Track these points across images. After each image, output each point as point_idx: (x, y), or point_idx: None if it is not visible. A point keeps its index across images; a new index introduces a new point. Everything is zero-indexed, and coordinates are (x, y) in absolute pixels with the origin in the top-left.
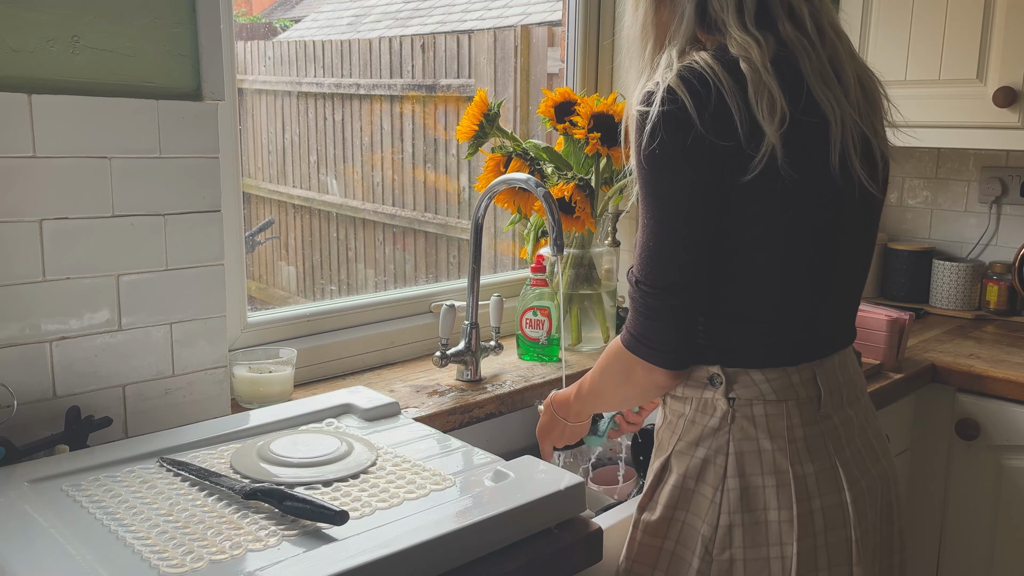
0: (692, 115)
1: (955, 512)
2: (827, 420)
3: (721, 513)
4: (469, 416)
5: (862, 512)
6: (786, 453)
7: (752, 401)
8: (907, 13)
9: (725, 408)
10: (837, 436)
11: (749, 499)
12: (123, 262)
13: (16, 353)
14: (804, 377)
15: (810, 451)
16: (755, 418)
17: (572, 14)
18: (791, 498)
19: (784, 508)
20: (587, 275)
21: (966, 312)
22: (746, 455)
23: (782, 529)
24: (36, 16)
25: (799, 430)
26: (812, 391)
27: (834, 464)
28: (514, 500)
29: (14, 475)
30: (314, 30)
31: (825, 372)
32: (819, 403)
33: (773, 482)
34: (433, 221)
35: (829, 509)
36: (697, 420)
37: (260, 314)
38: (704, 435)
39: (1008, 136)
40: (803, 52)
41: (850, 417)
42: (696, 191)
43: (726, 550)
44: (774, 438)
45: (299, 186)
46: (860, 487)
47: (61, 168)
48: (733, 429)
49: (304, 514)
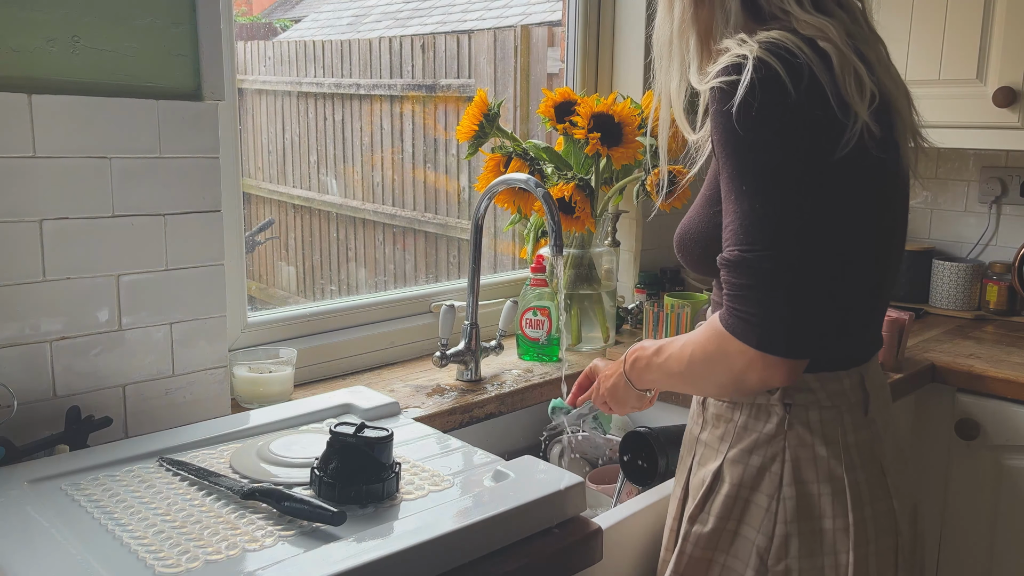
0: (787, 83)
1: (955, 512)
2: (873, 425)
3: (777, 523)
4: (469, 416)
5: (904, 517)
6: (840, 460)
7: (808, 407)
8: (907, 13)
9: (782, 414)
10: (881, 440)
11: (806, 507)
12: (123, 262)
13: (16, 353)
14: (853, 381)
15: (861, 457)
16: (811, 424)
17: (572, 14)
18: (847, 506)
19: (839, 516)
20: (587, 275)
21: (966, 312)
22: (803, 462)
23: (836, 537)
24: (36, 16)
25: (851, 436)
26: (860, 395)
27: (881, 469)
28: (514, 500)
29: (14, 475)
30: (314, 30)
31: (871, 375)
32: (866, 407)
33: (829, 489)
34: (433, 221)
35: (880, 516)
36: (750, 426)
37: (260, 314)
38: (759, 442)
39: (1008, 136)
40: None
41: (888, 420)
42: (799, 155)
43: (782, 560)
44: (829, 444)
45: (299, 186)
46: (903, 491)
47: (61, 168)
48: (789, 436)
49: (302, 514)
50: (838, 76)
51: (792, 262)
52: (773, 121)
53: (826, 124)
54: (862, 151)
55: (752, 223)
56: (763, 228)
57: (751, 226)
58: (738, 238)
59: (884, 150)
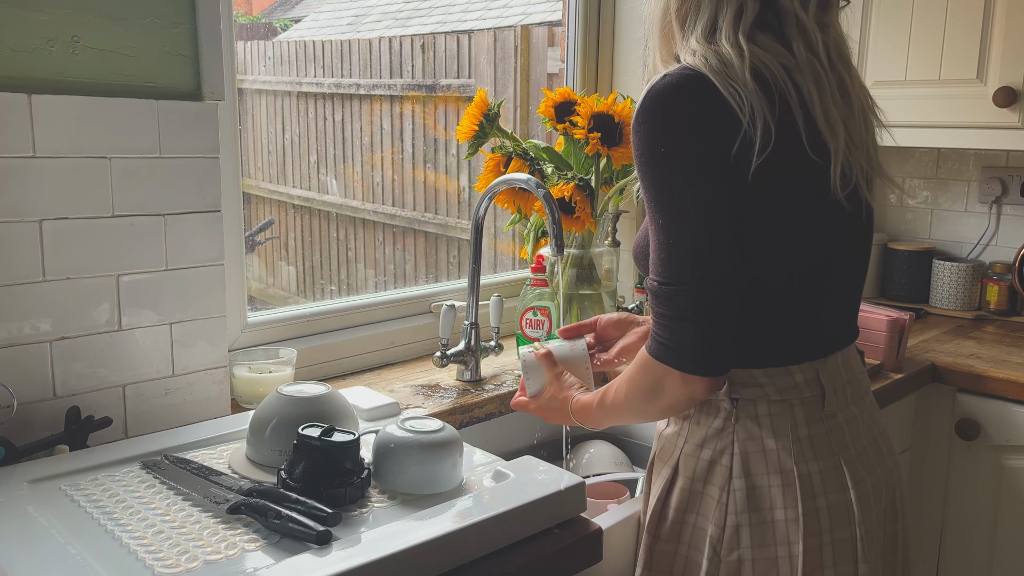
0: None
1: (955, 512)
2: (831, 418)
3: (728, 514)
4: (469, 416)
5: (867, 510)
6: (790, 452)
7: (755, 400)
8: (907, 13)
9: (729, 408)
10: (842, 434)
11: (755, 499)
12: (123, 262)
13: (16, 353)
14: (807, 376)
15: (815, 449)
16: (759, 417)
17: (572, 14)
18: (796, 497)
19: (790, 507)
20: (587, 275)
21: (966, 312)
22: (751, 455)
23: (788, 528)
24: (36, 16)
25: (803, 429)
26: (815, 389)
27: (839, 462)
28: (514, 500)
29: (14, 475)
30: (314, 30)
31: (828, 370)
32: (823, 401)
33: (779, 481)
34: (433, 221)
35: (834, 507)
36: (702, 422)
37: (260, 314)
38: (709, 436)
39: (1008, 136)
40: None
41: (855, 415)
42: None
43: (734, 550)
44: (778, 437)
45: (299, 186)
46: (865, 485)
47: (61, 168)
48: (737, 429)
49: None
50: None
51: (702, 296)
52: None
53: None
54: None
55: (667, 257)
56: (674, 264)
57: (665, 260)
58: (657, 269)
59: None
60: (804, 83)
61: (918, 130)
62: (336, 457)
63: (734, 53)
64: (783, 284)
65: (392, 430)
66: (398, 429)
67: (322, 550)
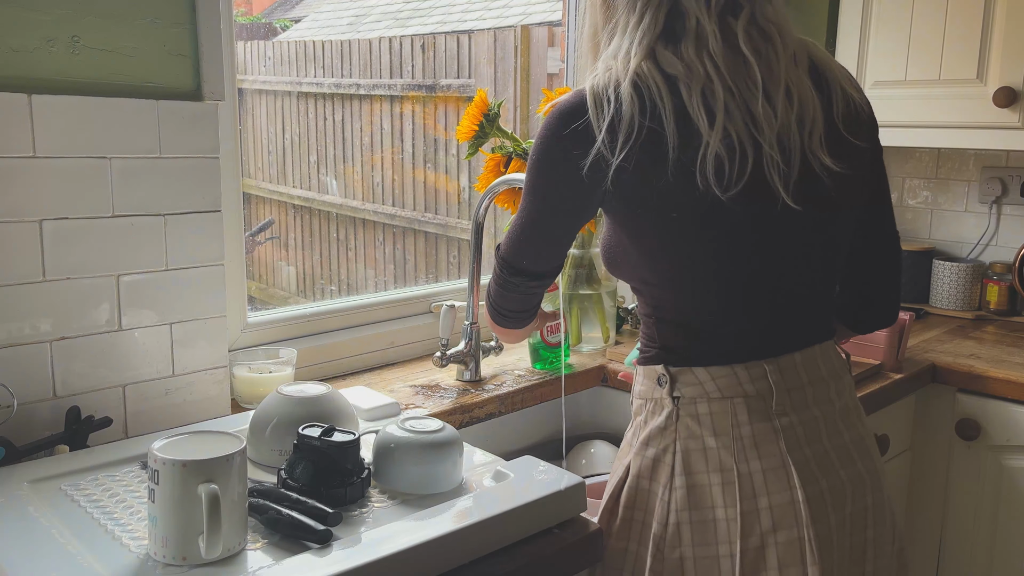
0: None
1: (955, 512)
2: (781, 418)
3: (670, 511)
4: (469, 416)
5: (820, 513)
6: (731, 451)
7: (696, 399)
8: (907, 13)
9: (671, 407)
10: (793, 435)
11: (696, 497)
12: (123, 262)
13: (16, 353)
14: (754, 374)
15: (757, 448)
16: (699, 416)
17: (572, 14)
18: (736, 495)
19: (730, 506)
20: (587, 275)
21: (966, 312)
22: (692, 453)
23: (729, 527)
24: (36, 16)
25: (746, 427)
26: (762, 387)
27: (785, 462)
28: (514, 500)
29: (14, 475)
30: (314, 30)
31: (781, 369)
32: (771, 400)
33: (719, 480)
34: (433, 221)
35: (778, 507)
36: (648, 421)
37: (260, 314)
38: (653, 434)
39: (1008, 136)
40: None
41: (815, 417)
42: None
43: (676, 548)
44: (719, 435)
45: (299, 186)
46: (818, 487)
47: (61, 168)
48: (679, 427)
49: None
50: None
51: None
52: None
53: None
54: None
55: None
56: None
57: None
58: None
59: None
60: (684, 88)
61: (918, 130)
62: (336, 457)
63: (619, 67)
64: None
65: (392, 430)
66: (398, 429)
67: (322, 550)
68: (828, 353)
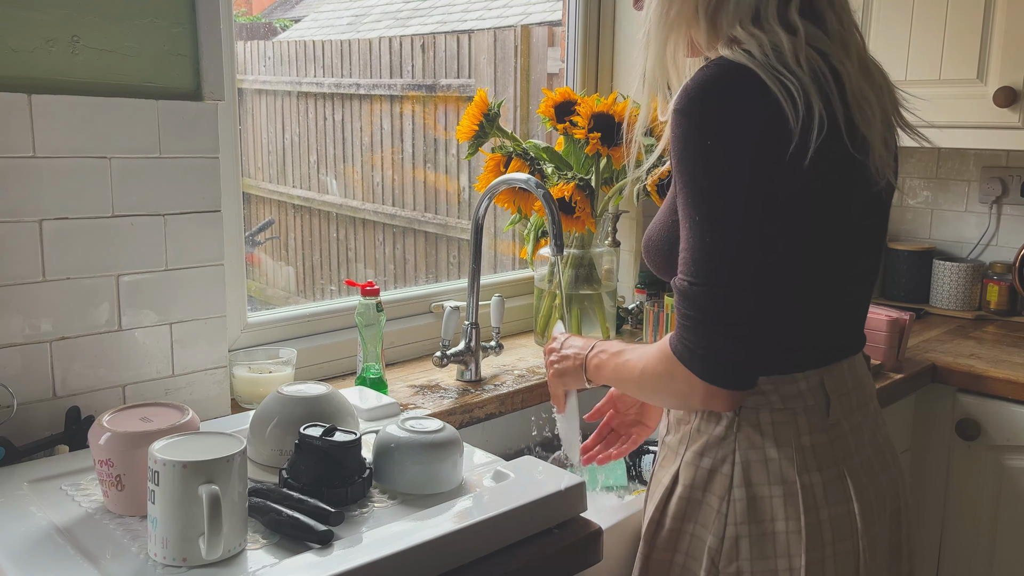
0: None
1: (955, 512)
2: (836, 427)
3: (727, 524)
4: (469, 416)
5: (870, 521)
6: (793, 462)
7: (758, 408)
8: (907, 13)
9: (731, 416)
10: (846, 443)
11: (756, 510)
12: (123, 262)
13: (16, 353)
14: (812, 383)
15: (817, 460)
16: (761, 426)
17: (572, 14)
18: (799, 508)
19: (792, 519)
20: (587, 275)
21: (966, 312)
22: (752, 464)
23: (790, 540)
24: (36, 16)
25: (806, 438)
26: (820, 398)
27: (842, 473)
28: (514, 500)
29: (14, 475)
30: (314, 30)
31: (833, 378)
32: (827, 410)
33: (780, 492)
34: (433, 221)
35: (837, 519)
36: (703, 429)
37: (260, 314)
38: (710, 444)
39: (1008, 136)
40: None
41: (860, 423)
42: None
43: (732, 562)
44: (780, 446)
45: (299, 186)
46: (869, 495)
47: (61, 168)
48: (739, 438)
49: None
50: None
51: (739, 302)
52: (730, 147)
53: (779, 152)
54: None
55: (703, 257)
56: (712, 264)
57: (701, 260)
58: (689, 268)
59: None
60: (841, 66)
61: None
62: (338, 457)
63: (785, 36)
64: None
65: (392, 430)
66: (398, 429)
67: (323, 550)
68: (861, 359)
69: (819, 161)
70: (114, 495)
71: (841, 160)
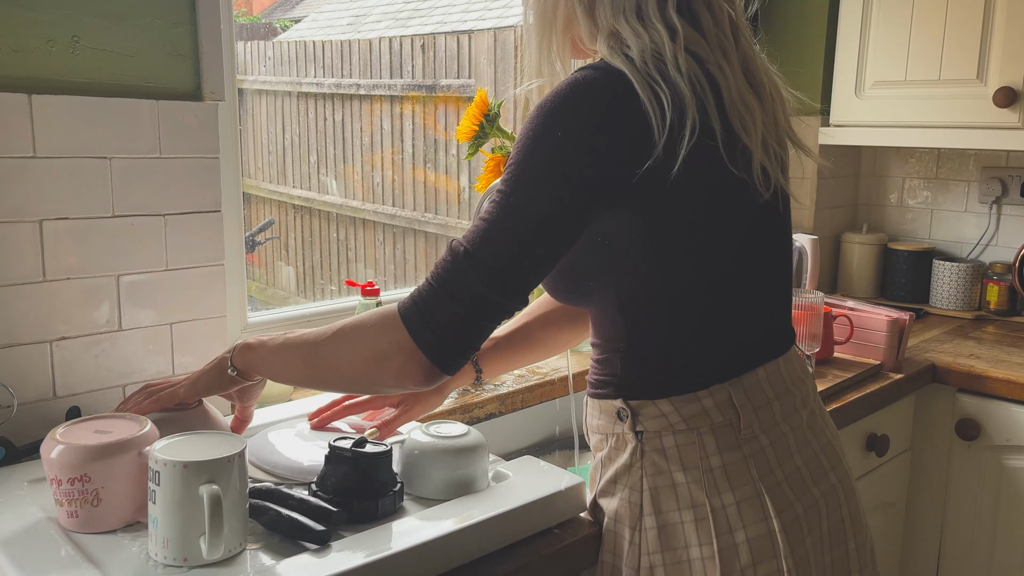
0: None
1: (955, 512)
2: (750, 443)
3: (641, 555)
4: (469, 416)
5: (797, 539)
6: (702, 484)
7: (660, 432)
8: (907, 13)
9: (634, 443)
10: (763, 459)
11: (668, 537)
12: (123, 262)
13: (16, 353)
14: (718, 400)
15: (729, 479)
16: (666, 450)
17: None
18: (711, 532)
19: (705, 544)
20: None
21: (966, 312)
22: (660, 490)
23: (705, 566)
24: (36, 16)
25: (715, 458)
26: (729, 413)
27: (759, 491)
28: (514, 500)
29: (14, 475)
30: (314, 30)
31: (745, 390)
32: (739, 426)
33: (691, 516)
34: (433, 221)
35: (755, 540)
36: (613, 457)
37: (260, 314)
38: (619, 473)
39: (1008, 136)
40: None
41: (784, 433)
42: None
43: None
44: (688, 469)
45: (299, 186)
46: (793, 512)
47: (61, 168)
48: (644, 464)
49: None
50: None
51: (495, 297)
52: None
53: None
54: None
55: (495, 233)
56: (499, 245)
57: (491, 235)
58: (475, 237)
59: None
60: (719, 73)
61: (918, 130)
62: (368, 469)
63: (666, 36)
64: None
65: (418, 436)
66: (424, 435)
67: (322, 550)
68: (791, 361)
69: (690, 173)
70: (87, 513)
71: (717, 177)
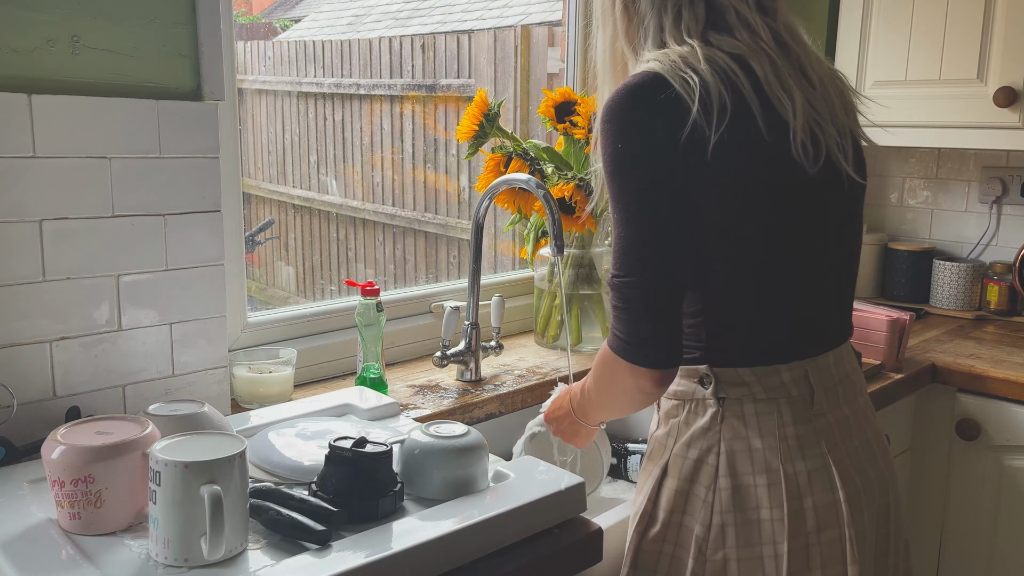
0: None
1: (955, 512)
2: (820, 418)
3: (714, 513)
4: (469, 416)
5: (857, 511)
6: (777, 452)
7: (742, 400)
8: (907, 13)
9: (715, 408)
10: (831, 434)
11: (741, 498)
12: (123, 262)
13: (16, 353)
14: (795, 375)
15: (802, 449)
16: (745, 417)
17: (572, 14)
18: (782, 496)
19: (775, 507)
20: (587, 275)
21: (966, 312)
22: (737, 454)
23: (774, 528)
24: (36, 16)
25: (791, 428)
26: (804, 389)
27: (827, 463)
28: (514, 500)
29: (14, 475)
30: (314, 30)
31: (818, 370)
32: (812, 401)
33: (764, 481)
34: (433, 221)
35: (822, 507)
36: (690, 421)
37: (260, 314)
38: (696, 436)
39: (1008, 136)
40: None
41: (846, 416)
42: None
43: (719, 550)
44: (764, 436)
45: (299, 186)
46: (855, 485)
47: (61, 168)
48: (723, 428)
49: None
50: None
51: (649, 291)
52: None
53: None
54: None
55: (621, 252)
56: (629, 258)
57: (620, 254)
58: (614, 263)
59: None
60: (756, 64)
61: (918, 130)
62: (369, 469)
63: (685, 51)
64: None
65: (418, 436)
66: (424, 436)
67: (322, 550)
68: (850, 351)
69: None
70: (89, 515)
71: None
